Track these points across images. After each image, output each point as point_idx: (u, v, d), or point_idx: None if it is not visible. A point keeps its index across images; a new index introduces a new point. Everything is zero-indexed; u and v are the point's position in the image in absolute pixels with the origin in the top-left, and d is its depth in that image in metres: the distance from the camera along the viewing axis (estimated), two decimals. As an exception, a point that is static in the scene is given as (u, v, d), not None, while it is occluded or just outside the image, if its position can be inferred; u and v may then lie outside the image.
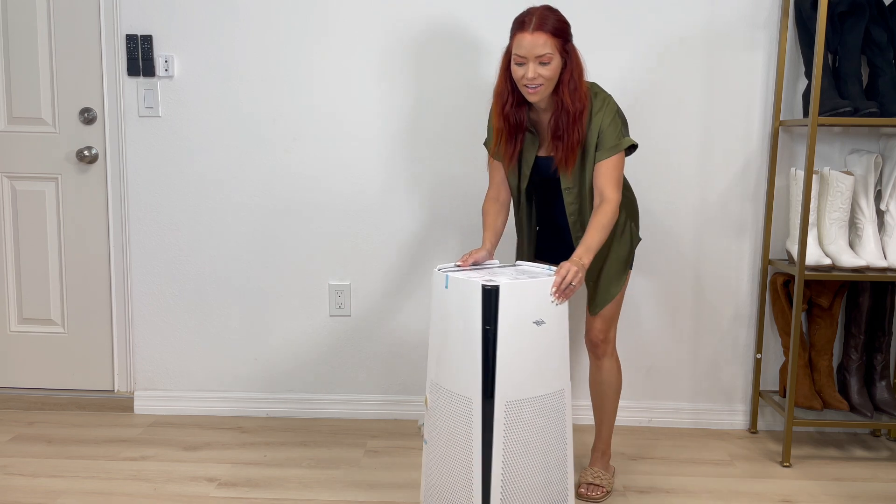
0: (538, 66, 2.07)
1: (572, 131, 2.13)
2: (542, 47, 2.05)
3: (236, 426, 2.92)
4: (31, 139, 2.99)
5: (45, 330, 3.09)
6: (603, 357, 2.37)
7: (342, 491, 2.40)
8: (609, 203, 2.12)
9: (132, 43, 2.84)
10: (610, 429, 2.42)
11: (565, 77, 2.11)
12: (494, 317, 1.87)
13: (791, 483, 2.49)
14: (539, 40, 2.05)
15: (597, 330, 2.34)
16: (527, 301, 1.91)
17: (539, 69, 2.07)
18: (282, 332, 2.99)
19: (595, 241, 2.07)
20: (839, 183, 2.60)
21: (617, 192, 2.14)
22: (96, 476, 2.48)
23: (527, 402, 1.94)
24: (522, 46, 2.06)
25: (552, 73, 2.09)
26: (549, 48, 2.06)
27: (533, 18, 2.07)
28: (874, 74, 2.65)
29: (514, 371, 1.91)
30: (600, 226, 2.08)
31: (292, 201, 2.92)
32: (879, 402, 2.73)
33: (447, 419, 2.00)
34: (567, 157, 2.16)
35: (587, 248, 2.06)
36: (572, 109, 2.11)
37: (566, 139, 2.13)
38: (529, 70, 2.07)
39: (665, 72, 2.78)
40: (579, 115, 2.12)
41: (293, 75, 2.85)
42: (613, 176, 2.14)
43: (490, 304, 1.87)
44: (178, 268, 2.97)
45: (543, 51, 2.05)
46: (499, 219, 2.28)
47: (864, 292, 2.72)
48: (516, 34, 2.09)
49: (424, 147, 2.87)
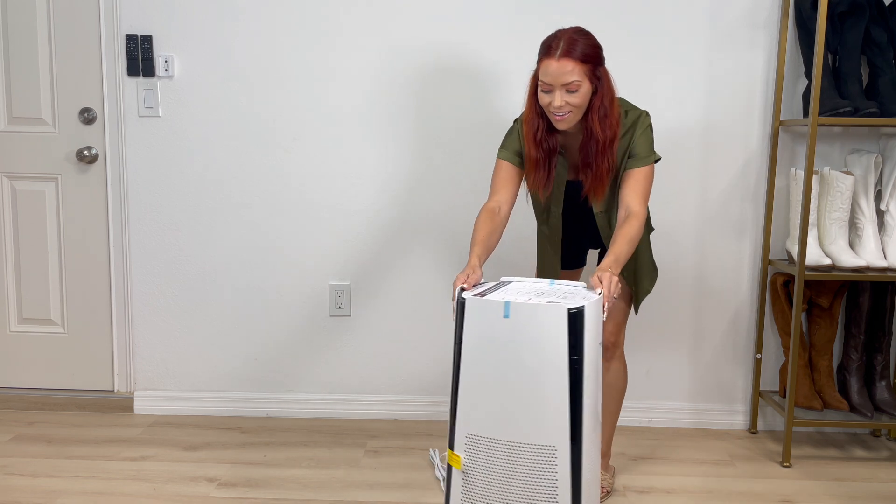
0: (565, 94, 1.96)
1: (601, 160, 2.03)
2: (570, 74, 1.93)
3: (236, 426, 2.92)
4: (31, 139, 2.99)
5: (45, 330, 3.09)
6: (612, 359, 2.36)
7: (342, 491, 2.40)
8: (637, 218, 2.00)
9: (132, 43, 2.84)
10: (611, 430, 2.42)
11: (595, 104, 2.00)
12: (581, 344, 1.60)
13: (791, 483, 2.49)
14: (566, 67, 1.93)
15: (608, 332, 2.33)
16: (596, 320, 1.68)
17: (567, 97, 1.96)
18: (282, 332, 2.99)
19: (624, 252, 1.94)
20: (839, 183, 2.60)
21: (643, 206, 2.04)
22: (96, 476, 2.48)
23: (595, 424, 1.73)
24: (549, 74, 1.95)
25: (581, 100, 1.98)
26: (576, 75, 1.94)
27: (560, 43, 1.95)
28: (874, 74, 2.65)
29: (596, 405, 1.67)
30: (628, 238, 1.96)
31: (292, 201, 2.92)
32: (879, 402, 2.73)
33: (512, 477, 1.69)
34: (597, 187, 2.06)
35: (616, 259, 1.91)
36: (601, 137, 2.01)
37: (595, 168, 2.04)
38: (556, 98, 1.96)
39: (665, 72, 2.78)
40: (609, 143, 2.02)
41: (293, 75, 2.85)
42: (641, 188, 2.03)
43: (576, 330, 1.60)
44: (177, 268, 2.97)
45: (571, 78, 1.93)
46: (493, 236, 2.05)
47: (864, 292, 2.72)
48: (543, 60, 1.97)
49: (425, 146, 2.87)
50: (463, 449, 1.72)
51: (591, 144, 2.03)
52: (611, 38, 2.77)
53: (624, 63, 2.78)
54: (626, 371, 2.41)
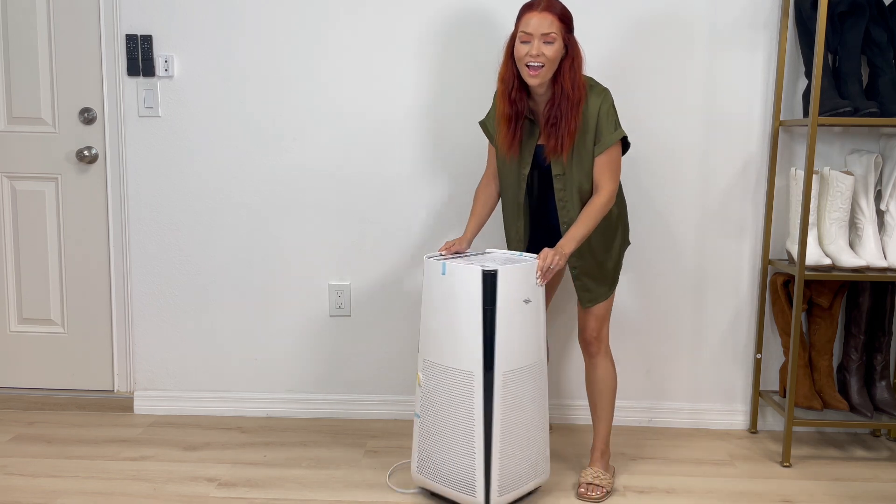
0: (542, 44, 2.16)
1: (570, 117, 2.20)
2: (549, 26, 2.15)
3: (236, 426, 2.92)
4: (31, 139, 2.99)
5: (45, 330, 3.09)
6: (596, 356, 2.38)
7: (342, 491, 2.40)
8: (603, 194, 2.23)
9: (132, 43, 2.84)
10: (608, 428, 2.42)
11: (565, 65, 2.20)
12: (493, 297, 2.11)
13: (791, 483, 2.49)
14: (547, 19, 2.16)
15: (590, 329, 2.36)
16: (519, 282, 2.15)
17: (543, 47, 2.16)
18: (282, 332, 2.99)
19: (580, 232, 2.20)
20: (839, 183, 2.60)
21: (612, 183, 2.24)
22: (96, 476, 2.48)
23: (518, 372, 2.18)
24: (530, 24, 2.16)
25: (554, 54, 2.17)
26: (554, 28, 2.16)
27: (542, 1, 2.18)
28: (874, 74, 2.65)
29: (508, 344, 2.15)
30: (587, 217, 2.21)
31: (292, 201, 2.92)
32: (879, 402, 2.73)
33: (446, 393, 2.21)
34: (563, 144, 2.22)
35: (571, 238, 2.19)
36: (572, 96, 2.19)
37: (563, 125, 2.21)
38: (534, 47, 2.16)
39: (665, 71, 2.78)
40: (577, 102, 2.21)
41: (293, 75, 2.85)
42: (609, 168, 2.24)
43: (489, 287, 2.11)
44: (177, 268, 2.97)
45: (549, 29, 2.15)
46: (487, 206, 2.45)
47: (864, 292, 2.72)
48: (525, 14, 2.19)
49: (426, 147, 2.87)
50: (421, 370, 2.28)
51: (562, 102, 2.21)
52: (611, 38, 2.77)
53: (624, 62, 2.78)
54: (614, 368, 2.41)
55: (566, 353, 2.93)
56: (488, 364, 2.13)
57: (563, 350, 2.92)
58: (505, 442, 2.17)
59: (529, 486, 2.28)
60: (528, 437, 2.23)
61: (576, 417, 2.96)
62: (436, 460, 2.26)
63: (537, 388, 2.25)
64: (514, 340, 2.16)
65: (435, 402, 2.25)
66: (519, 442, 2.21)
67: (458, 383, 2.18)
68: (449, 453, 2.22)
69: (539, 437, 2.27)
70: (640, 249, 2.87)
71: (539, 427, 2.27)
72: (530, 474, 2.27)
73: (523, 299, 2.16)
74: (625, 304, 2.90)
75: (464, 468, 2.19)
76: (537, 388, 2.25)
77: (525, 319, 2.18)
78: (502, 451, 2.16)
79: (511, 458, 2.19)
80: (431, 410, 2.26)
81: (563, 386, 2.96)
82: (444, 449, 2.23)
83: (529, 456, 2.25)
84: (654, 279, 2.89)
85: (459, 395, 2.18)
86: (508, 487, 2.20)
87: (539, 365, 2.25)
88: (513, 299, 2.14)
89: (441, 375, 2.22)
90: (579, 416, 2.95)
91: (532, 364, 2.22)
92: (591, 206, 2.22)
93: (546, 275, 2.18)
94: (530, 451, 2.25)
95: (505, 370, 2.14)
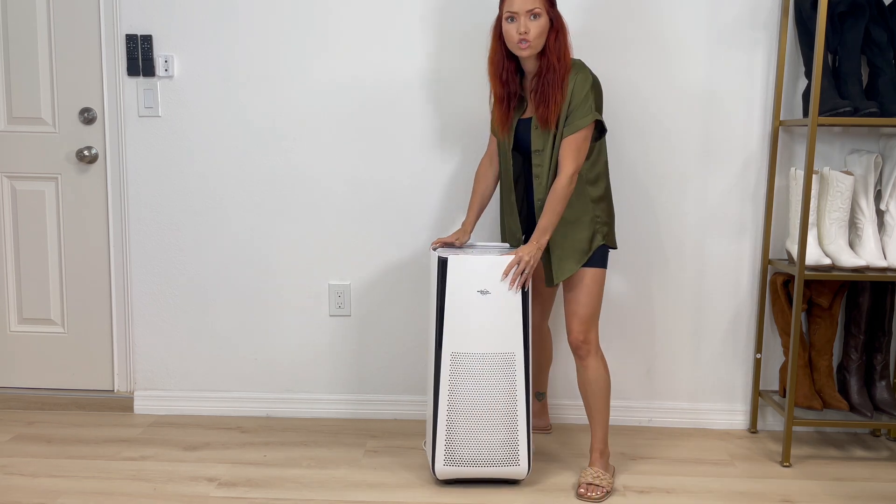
0: (528, 20, 2.23)
1: (557, 89, 2.26)
2: (532, 2, 2.22)
3: (236, 426, 2.92)
4: (31, 139, 2.99)
5: (45, 330, 3.09)
6: (586, 357, 2.37)
7: (342, 491, 2.40)
8: (563, 176, 2.27)
9: (132, 43, 2.84)
10: (604, 428, 2.42)
11: (551, 38, 2.27)
12: (444, 283, 2.30)
13: (791, 483, 2.49)
14: None
15: (576, 331, 2.36)
16: (472, 273, 2.30)
17: (529, 23, 2.23)
18: (282, 332, 2.99)
19: (549, 222, 2.27)
20: (839, 183, 2.60)
21: (572, 164, 2.27)
22: (96, 476, 2.48)
23: (470, 356, 2.33)
24: (513, 3, 2.23)
25: (540, 29, 2.24)
26: (537, 3, 2.23)
27: None
28: (874, 74, 2.65)
29: (458, 328, 2.31)
30: (553, 203, 2.27)
31: (292, 201, 2.92)
32: (879, 402, 2.73)
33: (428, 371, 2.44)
34: (550, 115, 2.27)
35: (542, 231, 2.28)
36: (558, 67, 2.26)
37: (551, 96, 2.26)
38: (521, 24, 2.22)
39: (665, 71, 2.78)
40: (564, 75, 2.27)
41: (293, 75, 2.85)
42: (572, 149, 2.27)
43: (442, 273, 2.30)
44: (178, 268, 2.97)
45: (533, 5, 2.22)
46: (488, 191, 2.55)
47: (864, 292, 2.72)
48: None
49: (426, 148, 2.87)
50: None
51: (548, 75, 2.27)
52: (611, 37, 2.77)
53: (624, 62, 2.78)
54: (606, 368, 2.40)
55: (567, 354, 2.93)
56: (438, 342, 2.32)
57: (563, 350, 2.92)
58: (453, 415, 2.33)
59: (490, 470, 2.36)
60: (485, 420, 2.34)
61: (576, 418, 2.96)
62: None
63: (502, 381, 2.33)
64: (465, 325, 2.31)
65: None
66: (472, 421, 2.33)
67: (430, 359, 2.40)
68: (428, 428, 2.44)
69: (506, 425, 2.34)
70: (640, 249, 2.87)
71: (506, 415, 2.34)
72: (494, 460, 2.36)
73: (478, 289, 2.29)
74: (625, 304, 2.90)
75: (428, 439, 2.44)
76: (502, 382, 2.33)
77: (481, 309, 2.30)
78: (449, 425, 2.33)
79: (460, 435, 2.34)
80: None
81: (563, 386, 2.96)
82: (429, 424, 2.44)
83: (490, 440, 2.34)
84: (654, 279, 2.89)
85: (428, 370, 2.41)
86: (457, 461, 2.35)
87: (508, 357, 2.33)
88: (465, 288, 2.29)
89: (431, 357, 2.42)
90: (579, 416, 2.95)
91: (496, 353, 2.32)
92: (555, 192, 2.27)
93: (516, 280, 2.26)
94: (491, 436, 2.34)
95: (454, 351, 2.31)
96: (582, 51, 2.68)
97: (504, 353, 2.32)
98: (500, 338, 2.32)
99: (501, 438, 2.35)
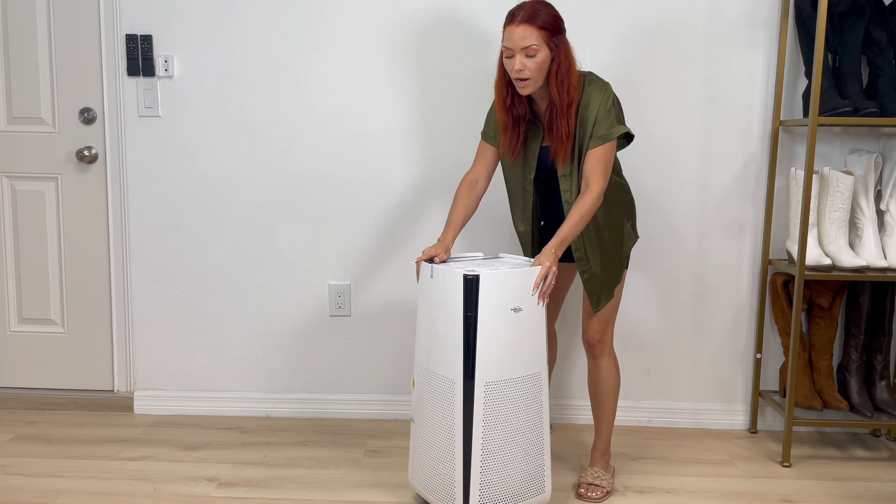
0: (524, 58, 2.12)
1: (561, 123, 2.18)
2: (528, 39, 2.10)
3: (236, 426, 2.92)
4: (31, 139, 2.99)
5: (45, 330, 3.09)
6: (600, 357, 2.37)
7: (342, 491, 2.40)
8: (591, 193, 2.16)
9: (132, 43, 2.84)
10: (609, 429, 2.42)
11: (553, 70, 2.16)
12: (475, 304, 2.03)
13: (791, 483, 2.49)
14: (525, 32, 2.10)
15: (593, 330, 2.35)
16: (506, 290, 2.06)
17: (525, 61, 2.12)
18: (282, 332, 2.99)
19: (571, 232, 2.14)
20: (839, 183, 2.60)
21: (602, 180, 2.17)
22: (96, 476, 2.48)
23: (505, 384, 2.09)
24: (511, 39, 2.12)
25: (538, 65, 2.13)
26: (534, 40, 2.10)
27: (522, 11, 2.13)
28: (874, 74, 2.65)
29: (492, 354, 2.06)
30: (578, 216, 2.14)
31: (292, 201, 2.92)
32: (879, 402, 2.73)
33: (432, 400, 2.16)
34: (557, 149, 2.21)
35: (562, 240, 2.13)
36: (558, 102, 2.16)
37: (556, 131, 2.19)
38: (517, 62, 2.13)
39: (665, 72, 2.78)
40: (566, 108, 2.17)
41: (293, 75, 2.86)
42: (600, 165, 2.18)
43: (471, 293, 2.03)
44: (178, 268, 2.97)
45: (529, 42, 2.10)
46: (468, 211, 2.34)
47: (864, 292, 2.72)
48: (506, 27, 2.15)
49: (425, 147, 2.87)
50: (415, 373, 2.24)
51: (553, 111, 2.18)
52: (610, 38, 2.77)
53: (623, 63, 2.78)
54: (618, 369, 2.40)
55: (568, 353, 2.93)
56: (468, 373, 2.04)
57: (564, 350, 2.92)
58: (488, 455, 2.07)
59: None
60: (518, 452, 2.12)
61: (576, 417, 2.96)
62: (423, 467, 2.21)
63: (532, 401, 2.14)
64: (498, 350, 2.06)
65: (423, 407, 2.20)
66: (506, 456, 2.10)
67: (441, 390, 2.12)
68: (432, 461, 2.17)
69: (534, 452, 2.16)
70: (640, 249, 2.87)
71: (534, 442, 2.15)
72: (523, 492, 2.15)
73: (511, 307, 2.06)
74: (625, 304, 2.90)
75: (444, 478, 2.13)
76: (532, 402, 2.14)
77: (514, 329, 2.08)
78: (484, 464, 2.07)
79: (495, 473, 2.09)
80: (420, 415, 2.22)
81: (563, 386, 2.96)
82: (429, 456, 2.18)
83: (521, 472, 2.14)
84: (654, 279, 2.89)
85: (441, 402, 2.12)
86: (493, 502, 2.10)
87: (535, 378, 2.14)
88: (497, 307, 2.05)
89: (429, 381, 2.17)
90: (579, 416, 2.95)
91: (524, 377, 2.11)
92: (581, 206, 2.14)
93: (545, 293, 2.11)
94: (522, 468, 2.14)
95: (488, 381, 2.05)
96: (582, 50, 2.68)
97: (532, 374, 2.13)
98: (529, 358, 2.11)
99: (531, 468, 2.15)
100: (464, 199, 2.34)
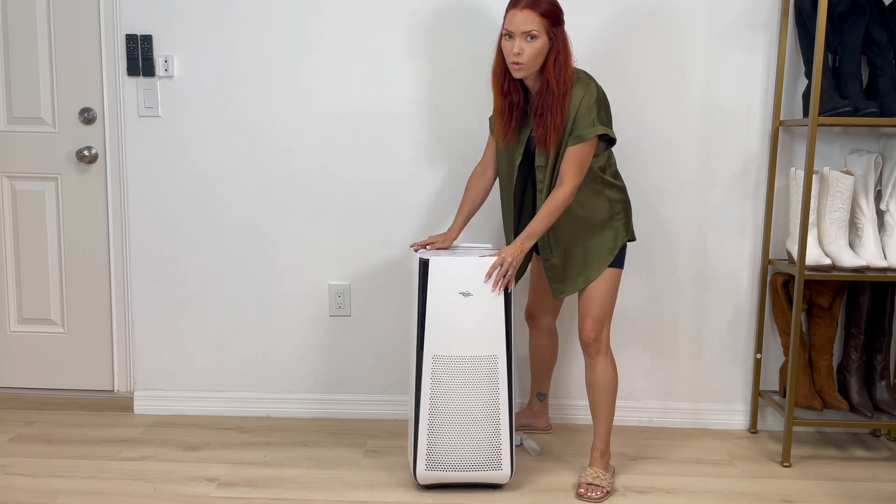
0: (524, 41, 2.18)
1: (556, 111, 2.22)
2: (530, 24, 2.17)
3: (236, 426, 2.92)
4: (31, 139, 2.99)
5: (45, 330, 3.09)
6: (596, 356, 2.38)
7: (342, 491, 2.40)
8: (563, 190, 2.24)
9: (132, 43, 2.84)
10: (608, 428, 2.43)
11: (551, 58, 2.22)
12: (425, 285, 2.28)
13: (791, 483, 2.49)
14: (528, 17, 2.17)
15: (588, 330, 2.36)
16: (454, 275, 2.28)
17: (524, 45, 2.18)
18: (282, 332, 2.99)
19: (539, 227, 2.25)
20: (839, 183, 2.60)
21: (576, 178, 2.24)
22: (96, 476, 2.48)
23: (453, 359, 2.31)
24: (513, 22, 2.19)
25: (536, 51, 2.19)
26: (535, 26, 2.17)
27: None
28: (874, 74, 2.65)
29: (441, 331, 2.29)
30: (547, 211, 2.24)
31: (292, 201, 2.92)
32: (879, 402, 2.73)
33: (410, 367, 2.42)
34: (548, 137, 2.25)
35: (529, 234, 2.26)
36: (556, 90, 2.21)
37: (549, 119, 2.23)
38: (515, 45, 2.19)
39: (665, 71, 2.78)
40: (562, 96, 2.22)
41: (293, 75, 2.85)
42: (575, 163, 2.24)
43: (424, 275, 2.28)
44: (178, 268, 2.97)
45: (530, 27, 2.17)
46: (477, 199, 2.51)
47: (864, 292, 2.72)
48: (509, 10, 2.22)
49: (426, 147, 2.87)
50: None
51: (546, 96, 2.23)
52: (610, 37, 2.77)
53: (623, 61, 2.78)
54: (615, 369, 2.41)
55: (566, 353, 2.93)
56: (420, 345, 2.30)
57: (563, 350, 2.92)
58: (435, 420, 2.31)
59: (472, 475, 2.34)
60: (467, 424, 2.32)
61: (576, 417, 2.96)
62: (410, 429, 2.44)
63: (487, 380, 2.31)
64: (447, 328, 2.28)
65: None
66: (454, 425, 2.31)
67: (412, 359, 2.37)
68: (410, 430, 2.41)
69: (488, 429, 2.32)
70: (640, 250, 2.86)
71: (488, 420, 2.32)
72: (475, 464, 2.33)
73: (459, 291, 2.27)
74: (624, 304, 2.89)
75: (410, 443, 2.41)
76: (487, 381, 2.31)
77: (463, 310, 2.28)
78: (431, 427, 2.31)
79: (443, 439, 2.32)
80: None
81: (563, 386, 2.96)
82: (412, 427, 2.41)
83: (471, 443, 2.32)
84: (654, 279, 2.89)
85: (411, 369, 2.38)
86: (438, 466, 2.33)
87: (490, 359, 2.31)
88: (446, 289, 2.27)
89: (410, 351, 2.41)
90: (579, 416, 2.95)
91: (477, 356, 2.30)
92: (552, 201, 2.24)
93: (499, 282, 2.23)
94: (473, 439, 2.32)
95: (435, 354, 2.29)
96: (582, 50, 2.68)
97: (486, 355, 2.31)
98: (483, 340, 2.30)
99: (484, 442, 2.32)
100: (471, 191, 2.51)
